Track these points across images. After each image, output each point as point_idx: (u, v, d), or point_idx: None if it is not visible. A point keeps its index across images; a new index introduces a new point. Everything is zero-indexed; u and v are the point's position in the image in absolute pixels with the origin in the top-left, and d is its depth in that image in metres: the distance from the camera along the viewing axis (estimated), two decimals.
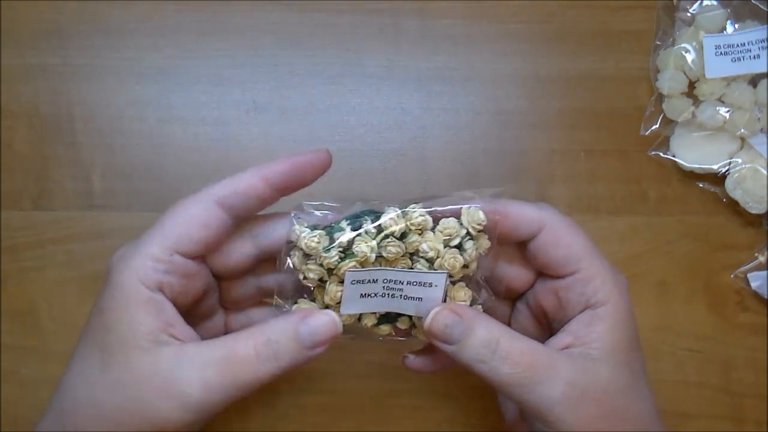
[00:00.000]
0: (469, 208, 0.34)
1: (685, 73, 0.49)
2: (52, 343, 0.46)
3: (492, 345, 0.31)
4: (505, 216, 0.33)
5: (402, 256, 0.33)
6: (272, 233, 0.35)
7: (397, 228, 0.33)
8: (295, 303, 0.34)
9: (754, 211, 0.47)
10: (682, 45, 0.49)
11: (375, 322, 0.35)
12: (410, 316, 0.35)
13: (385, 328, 0.35)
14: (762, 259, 0.47)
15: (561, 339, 0.33)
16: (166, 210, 0.34)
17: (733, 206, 0.48)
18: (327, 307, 0.34)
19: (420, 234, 0.33)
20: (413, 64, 0.49)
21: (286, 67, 0.49)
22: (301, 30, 0.50)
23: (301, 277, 0.34)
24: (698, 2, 0.49)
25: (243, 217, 0.34)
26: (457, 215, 0.34)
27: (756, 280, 0.47)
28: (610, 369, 0.32)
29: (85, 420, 0.31)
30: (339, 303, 0.33)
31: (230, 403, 0.31)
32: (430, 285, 0.33)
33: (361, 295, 0.33)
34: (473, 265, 0.34)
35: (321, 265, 0.33)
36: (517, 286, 0.37)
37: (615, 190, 0.49)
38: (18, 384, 0.45)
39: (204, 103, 0.49)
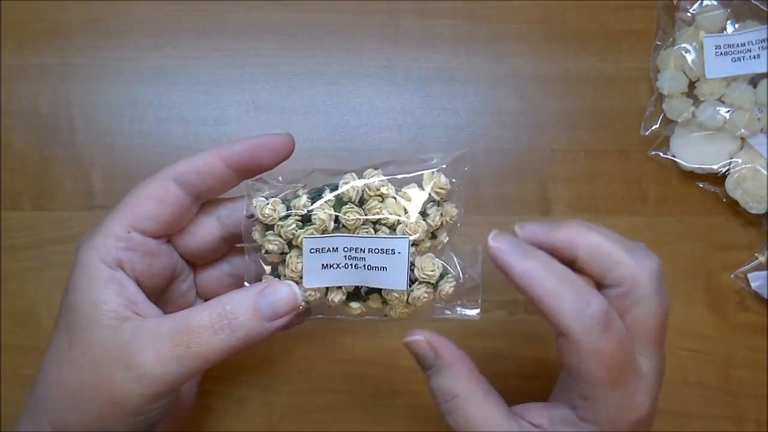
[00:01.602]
0: (432, 172, 0.32)
1: (685, 73, 0.49)
2: None
3: (446, 396, 0.32)
4: (538, 301, 0.30)
5: (363, 224, 0.32)
6: (236, 212, 0.34)
7: (355, 194, 0.32)
8: (260, 280, 0.33)
9: (754, 211, 0.47)
10: (682, 45, 0.49)
11: (343, 298, 0.33)
12: (380, 293, 0.33)
13: (355, 306, 0.34)
14: (762, 259, 0.47)
15: (539, 415, 0.32)
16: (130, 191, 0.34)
17: (733, 206, 0.48)
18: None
19: (381, 201, 0.32)
20: (413, 64, 0.49)
21: (286, 67, 0.49)
22: (301, 30, 0.50)
23: (262, 252, 0.33)
24: (698, 2, 0.49)
25: (204, 198, 0.34)
26: (419, 181, 0.33)
27: (756, 280, 0.47)
28: None
29: (56, 400, 0.31)
30: (302, 277, 0.32)
31: (188, 377, 0.30)
32: (393, 252, 0.31)
33: (323, 266, 0.32)
34: (442, 236, 0.33)
35: (279, 235, 0.32)
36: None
37: (615, 190, 0.49)
38: (18, 384, 0.45)
39: (204, 103, 0.49)
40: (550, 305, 0.29)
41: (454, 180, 0.33)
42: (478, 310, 0.34)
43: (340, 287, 0.33)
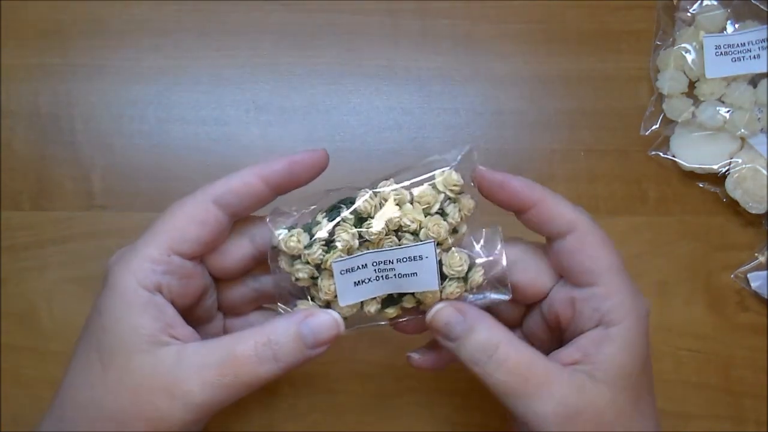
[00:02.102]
0: (442, 171, 0.33)
1: (685, 73, 0.49)
2: (52, 343, 0.46)
3: (489, 349, 0.31)
4: (541, 203, 0.32)
5: (386, 235, 0.32)
6: (269, 232, 0.34)
7: (372, 208, 0.32)
8: (296, 306, 0.34)
9: (754, 211, 0.47)
10: (683, 45, 0.49)
11: (379, 307, 0.34)
12: (413, 294, 0.34)
13: (391, 311, 0.34)
14: (762, 259, 0.47)
15: (569, 353, 0.32)
16: (164, 211, 0.33)
17: (733, 206, 0.48)
18: (327, 304, 0.33)
19: (399, 209, 0.33)
20: (413, 64, 0.49)
21: (286, 67, 0.49)
22: (301, 30, 0.50)
23: (292, 279, 0.33)
24: (698, 2, 0.49)
25: (240, 216, 0.34)
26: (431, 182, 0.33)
27: (756, 280, 0.47)
28: (612, 392, 0.31)
29: (86, 421, 0.31)
30: (336, 296, 0.33)
31: (230, 402, 0.31)
32: (421, 258, 0.32)
33: (355, 284, 0.33)
34: (463, 229, 0.34)
35: (308, 263, 0.33)
36: (532, 294, 0.35)
37: (615, 190, 0.49)
38: (18, 384, 0.45)
39: (204, 103, 0.49)
40: (553, 203, 0.32)
41: (465, 174, 0.33)
42: (508, 292, 0.34)
43: (374, 298, 0.33)
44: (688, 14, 0.49)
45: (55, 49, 0.49)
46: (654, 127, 0.49)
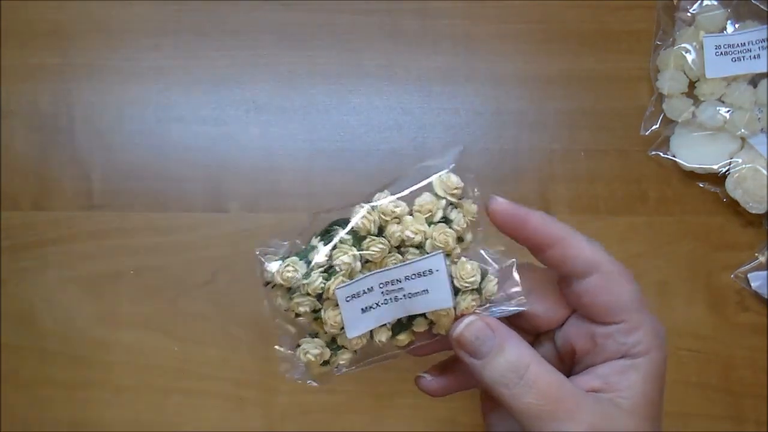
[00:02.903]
0: (440, 176, 0.31)
1: (685, 73, 0.49)
2: (52, 343, 0.46)
3: (521, 369, 0.29)
4: (561, 242, 0.30)
5: (389, 252, 0.30)
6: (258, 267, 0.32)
7: (371, 224, 0.30)
8: (298, 346, 0.31)
9: (754, 211, 0.47)
10: (683, 45, 0.49)
11: (389, 334, 0.31)
12: (424, 315, 0.31)
13: (403, 338, 0.31)
14: (762, 259, 0.47)
15: (588, 380, 0.31)
16: None
17: (734, 206, 0.48)
18: (333, 339, 0.31)
19: (398, 223, 0.30)
20: (413, 64, 0.49)
21: (286, 67, 0.49)
22: (301, 30, 0.50)
23: (292, 315, 0.31)
24: (698, 2, 0.49)
25: None
26: (430, 189, 0.31)
27: (756, 280, 0.47)
28: (635, 420, 0.30)
29: None
30: (343, 328, 0.30)
31: None
32: (430, 272, 0.30)
33: (363, 310, 0.30)
34: (468, 236, 0.31)
35: (308, 294, 0.30)
36: (546, 324, 0.34)
37: (615, 190, 0.49)
38: (18, 384, 0.45)
39: (204, 103, 0.49)
40: (573, 243, 0.30)
41: (464, 176, 0.31)
42: (524, 299, 0.31)
43: (384, 325, 0.31)
44: (688, 14, 0.49)
45: (55, 49, 0.49)
46: (654, 127, 0.49)
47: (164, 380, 0.46)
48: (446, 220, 0.31)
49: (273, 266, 0.30)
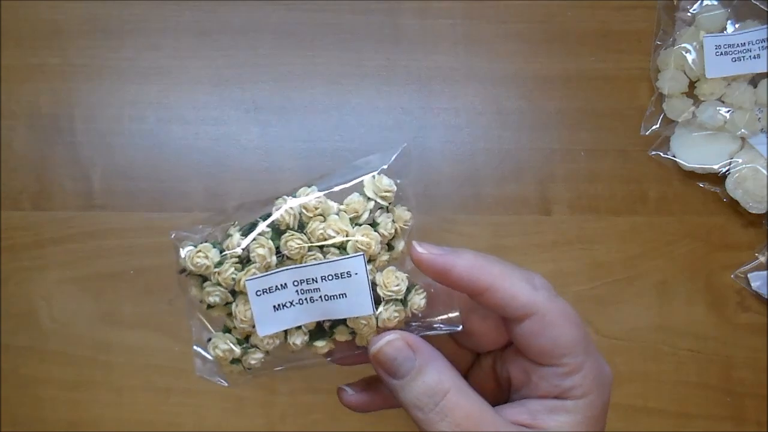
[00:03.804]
0: (372, 176, 0.29)
1: (685, 73, 0.49)
2: (52, 343, 0.46)
3: (438, 395, 0.28)
4: (492, 288, 0.28)
5: (309, 251, 0.28)
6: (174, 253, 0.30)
7: (291, 219, 0.28)
8: (209, 340, 0.30)
9: (754, 211, 0.47)
10: (683, 45, 0.49)
11: (306, 339, 0.29)
12: (346, 324, 0.29)
13: (321, 345, 0.30)
14: (762, 259, 0.47)
15: (517, 413, 0.30)
16: None
17: (734, 206, 0.48)
18: (247, 337, 0.29)
19: (323, 220, 0.28)
20: (413, 64, 0.49)
21: (286, 67, 0.49)
22: (301, 30, 0.50)
23: (204, 307, 0.29)
24: (699, 2, 0.49)
25: None
26: (360, 189, 0.29)
27: (756, 280, 0.47)
28: None
29: None
30: (254, 325, 0.29)
31: None
32: (349, 274, 0.28)
33: (275, 308, 0.28)
34: (399, 245, 0.29)
35: (219, 284, 0.28)
36: (486, 345, 0.32)
37: (615, 190, 0.48)
38: (18, 384, 0.45)
39: (204, 103, 0.49)
40: (504, 288, 0.28)
41: (398, 180, 0.30)
42: (458, 318, 0.30)
43: (299, 327, 0.29)
44: (689, 14, 0.49)
45: (55, 49, 0.49)
46: (654, 127, 0.49)
47: (164, 380, 0.46)
48: (373, 224, 0.29)
49: (184, 251, 0.29)
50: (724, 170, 0.47)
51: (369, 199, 0.29)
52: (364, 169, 0.30)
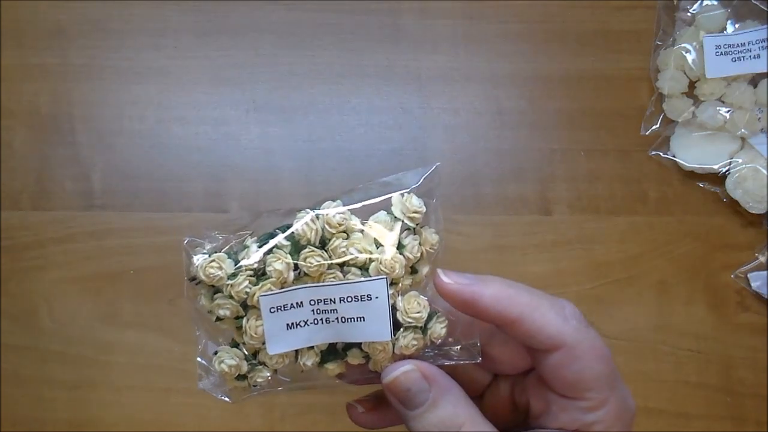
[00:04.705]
0: (401, 195, 0.28)
1: (685, 73, 0.49)
2: (52, 343, 0.46)
3: (450, 430, 0.27)
4: (521, 320, 0.27)
5: (329, 268, 0.27)
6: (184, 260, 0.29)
7: (312, 234, 0.27)
8: (215, 353, 0.28)
9: (754, 211, 0.47)
10: (683, 45, 0.49)
11: (317, 359, 0.28)
12: (360, 347, 0.28)
13: (332, 367, 0.28)
14: (762, 259, 0.47)
15: None
16: None
17: (734, 206, 0.48)
18: (255, 354, 0.28)
19: (346, 238, 0.27)
20: (413, 64, 0.49)
21: (286, 67, 0.49)
22: (301, 30, 0.50)
23: (213, 319, 0.28)
24: (698, 2, 0.49)
25: None
26: (387, 207, 0.28)
27: (756, 280, 0.47)
28: None
29: None
30: (264, 342, 0.27)
31: None
32: (370, 298, 0.26)
33: (288, 326, 0.27)
34: (424, 270, 0.28)
35: (231, 297, 0.27)
36: (505, 369, 0.31)
37: (615, 190, 0.48)
38: (18, 384, 0.45)
39: (204, 103, 0.49)
40: (534, 319, 0.27)
41: (428, 201, 0.28)
42: (477, 351, 0.29)
43: (311, 347, 0.28)
44: (689, 14, 0.49)
45: (55, 49, 0.49)
46: (654, 127, 0.49)
47: (164, 380, 0.46)
48: (399, 245, 0.27)
49: (198, 260, 0.27)
50: (724, 170, 0.47)
51: (396, 218, 0.27)
52: (393, 187, 0.28)
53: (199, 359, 0.29)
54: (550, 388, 0.29)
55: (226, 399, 0.29)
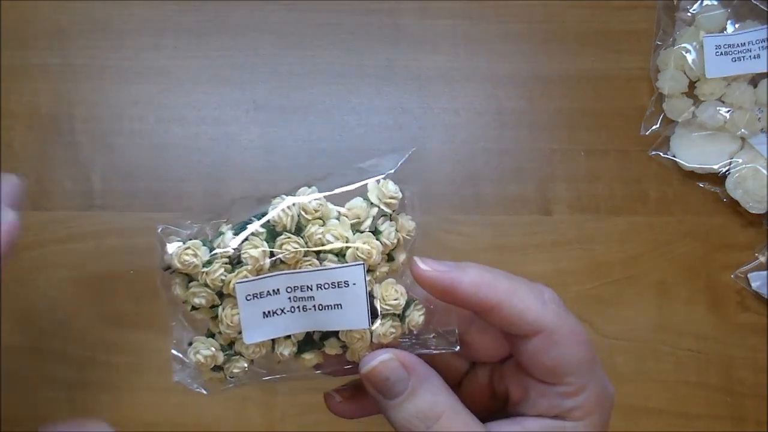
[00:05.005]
0: (377, 181, 0.27)
1: (685, 73, 0.49)
2: (52, 343, 0.46)
3: (430, 419, 0.27)
4: (499, 308, 0.27)
5: (305, 256, 0.26)
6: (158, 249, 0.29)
7: (288, 220, 0.26)
8: (190, 344, 0.28)
9: (754, 211, 0.47)
10: (683, 45, 0.49)
11: (294, 350, 0.28)
12: (338, 336, 0.28)
13: (309, 357, 0.28)
14: (762, 259, 0.47)
15: (513, 430, 0.29)
16: None
17: (734, 206, 0.48)
18: (231, 344, 0.28)
19: (322, 224, 0.27)
20: (413, 64, 0.49)
21: (286, 67, 0.49)
22: (301, 30, 0.50)
23: (188, 308, 0.27)
24: (698, 2, 0.49)
25: None
26: (363, 194, 0.27)
27: (756, 280, 0.47)
28: None
29: None
30: (240, 332, 0.27)
31: None
32: (347, 284, 0.26)
33: (265, 315, 0.27)
34: (400, 257, 0.28)
35: (206, 285, 0.26)
36: (483, 357, 0.31)
37: (615, 190, 0.48)
38: (18, 384, 0.45)
39: (204, 103, 0.49)
40: (513, 305, 0.27)
41: (404, 187, 0.28)
42: (455, 340, 0.28)
43: (288, 337, 0.27)
44: (689, 14, 0.49)
45: (55, 49, 0.49)
46: (654, 127, 0.49)
47: (164, 380, 0.46)
48: (375, 231, 0.27)
49: (172, 248, 0.27)
50: (724, 170, 0.48)
51: (372, 204, 0.27)
52: (369, 173, 0.28)
53: (173, 351, 0.28)
54: (529, 374, 0.29)
55: (203, 391, 0.29)
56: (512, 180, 0.48)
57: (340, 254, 0.27)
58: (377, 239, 0.27)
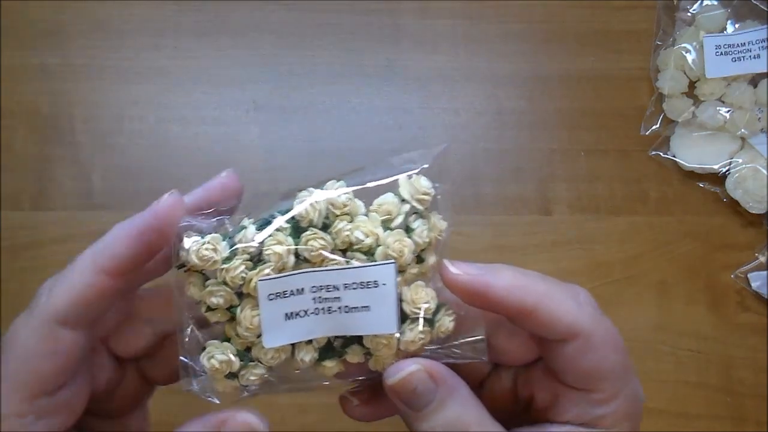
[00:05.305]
0: (409, 176, 0.26)
1: (685, 73, 0.49)
2: None
3: (458, 430, 0.26)
4: (535, 312, 0.25)
5: (331, 252, 0.25)
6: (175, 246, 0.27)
7: (316, 215, 0.25)
8: (204, 349, 0.26)
9: (754, 211, 0.47)
10: (683, 45, 0.49)
11: (315, 356, 0.26)
12: (361, 343, 0.26)
13: (330, 366, 0.26)
14: (762, 259, 0.47)
15: None
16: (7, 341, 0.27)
17: (734, 206, 0.48)
18: (248, 349, 0.26)
19: (351, 221, 0.25)
20: (413, 64, 0.49)
21: (286, 67, 0.49)
22: (301, 30, 0.50)
23: (203, 309, 0.25)
24: (698, 2, 0.49)
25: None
26: (395, 189, 0.26)
27: (756, 280, 0.47)
28: None
29: None
30: (260, 335, 0.25)
31: None
32: (376, 284, 0.24)
33: (287, 316, 0.25)
34: (431, 258, 0.26)
35: (225, 283, 0.24)
36: (509, 361, 0.30)
37: (615, 190, 0.48)
38: None
39: (204, 103, 0.49)
40: (549, 309, 0.25)
41: (437, 184, 0.26)
42: (484, 348, 0.27)
43: (310, 342, 0.25)
44: (689, 14, 0.49)
45: (55, 49, 0.49)
46: (654, 127, 0.49)
47: None
48: (407, 229, 0.25)
49: (188, 242, 0.25)
50: (724, 170, 0.47)
51: (404, 201, 0.25)
52: (400, 168, 0.26)
53: (182, 358, 0.26)
54: (561, 380, 0.27)
55: (215, 399, 0.27)
56: (512, 180, 0.48)
57: (368, 252, 0.25)
58: (409, 237, 0.25)
